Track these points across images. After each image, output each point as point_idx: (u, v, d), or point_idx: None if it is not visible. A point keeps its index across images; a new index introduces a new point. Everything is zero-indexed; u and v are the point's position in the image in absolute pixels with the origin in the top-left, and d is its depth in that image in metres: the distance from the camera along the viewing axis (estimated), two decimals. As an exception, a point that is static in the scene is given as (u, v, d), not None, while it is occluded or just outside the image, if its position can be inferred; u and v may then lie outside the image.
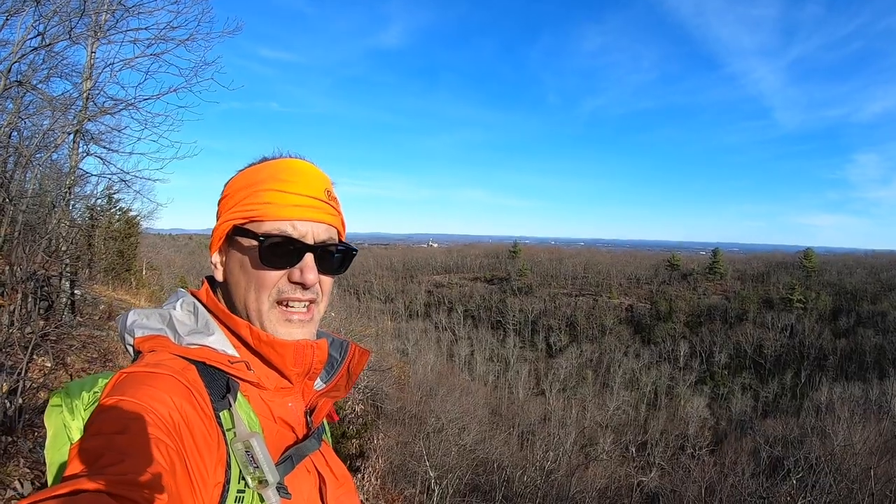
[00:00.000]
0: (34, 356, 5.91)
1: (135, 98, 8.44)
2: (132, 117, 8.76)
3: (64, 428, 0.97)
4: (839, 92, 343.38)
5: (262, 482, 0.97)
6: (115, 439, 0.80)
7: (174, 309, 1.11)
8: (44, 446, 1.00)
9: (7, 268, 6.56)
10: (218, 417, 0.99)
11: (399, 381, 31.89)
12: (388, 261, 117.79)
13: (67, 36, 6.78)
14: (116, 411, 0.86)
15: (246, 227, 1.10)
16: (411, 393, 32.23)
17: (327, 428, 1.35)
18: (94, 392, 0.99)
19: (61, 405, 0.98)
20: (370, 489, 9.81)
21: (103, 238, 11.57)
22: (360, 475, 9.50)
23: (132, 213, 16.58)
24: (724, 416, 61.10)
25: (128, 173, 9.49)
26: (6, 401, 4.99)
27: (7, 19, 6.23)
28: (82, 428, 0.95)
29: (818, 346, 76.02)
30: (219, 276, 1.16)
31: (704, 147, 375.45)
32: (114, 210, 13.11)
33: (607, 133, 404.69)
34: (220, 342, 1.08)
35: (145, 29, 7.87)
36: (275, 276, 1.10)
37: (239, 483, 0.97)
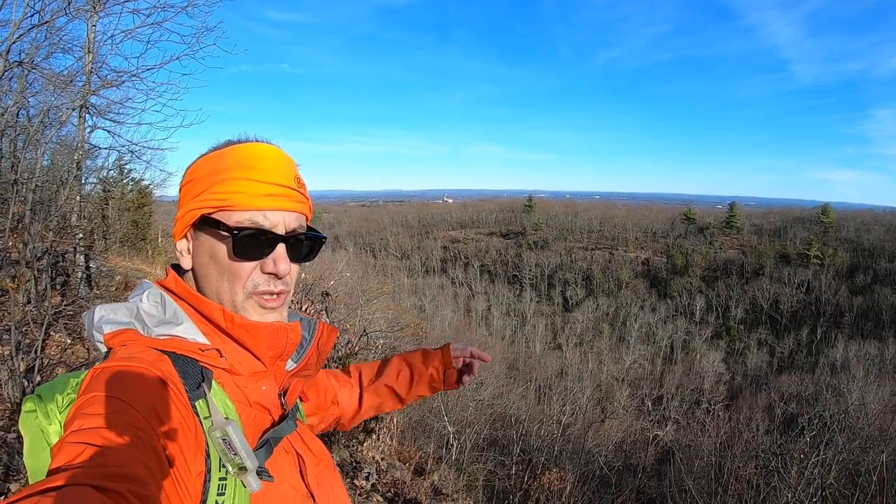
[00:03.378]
0: (51, 333, 6.02)
1: (137, 69, 8.39)
2: (136, 88, 8.72)
3: (41, 433, 0.97)
4: (858, 45, 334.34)
5: (242, 468, 0.99)
6: (95, 434, 0.81)
7: (141, 301, 1.10)
8: (22, 454, 1.01)
9: (21, 245, 6.64)
10: (194, 407, 1.00)
11: (417, 337, 32.15)
12: (403, 217, 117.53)
13: (64, 12, 6.72)
14: (95, 407, 0.87)
15: (215, 216, 1.09)
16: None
17: (301, 407, 1.36)
18: (68, 394, 0.99)
19: (36, 410, 0.99)
20: (385, 449, 9.97)
21: (117, 209, 11.64)
22: (374, 436, 9.64)
23: (145, 183, 16.72)
24: (740, 371, 61.20)
25: (136, 144, 9.49)
26: (24, 379, 5.10)
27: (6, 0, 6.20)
28: (60, 431, 0.96)
29: (834, 302, 75.27)
30: (186, 265, 1.16)
31: (720, 100, 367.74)
32: (126, 181, 13.18)
33: (622, 86, 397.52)
34: (189, 331, 1.08)
35: (142, -2, 7.79)
36: (248, 268, 1.10)
37: (220, 471, 0.99)
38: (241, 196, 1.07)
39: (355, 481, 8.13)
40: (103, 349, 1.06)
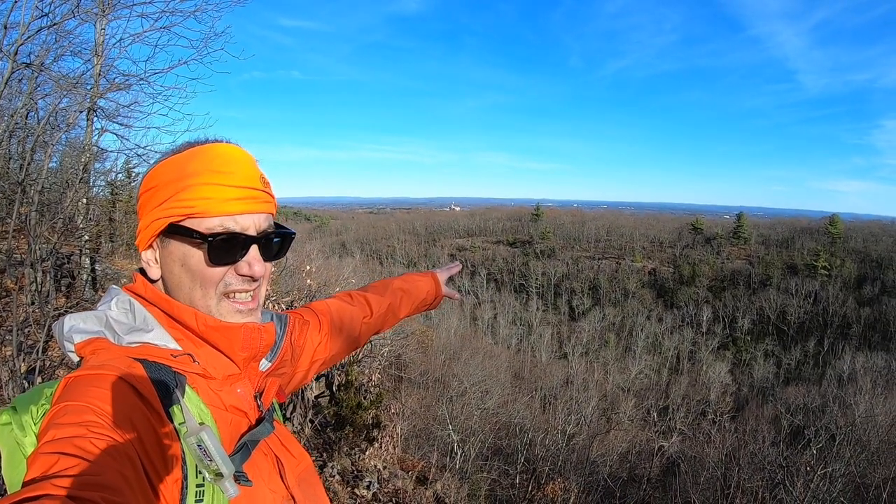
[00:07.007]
0: (53, 334, 6.00)
1: (145, 72, 8.39)
2: (144, 92, 8.73)
3: (17, 445, 0.95)
4: (865, 56, 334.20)
5: (218, 475, 0.98)
6: (69, 443, 0.80)
7: (109, 309, 1.09)
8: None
9: (27, 247, 6.66)
10: (168, 413, 0.99)
11: (422, 345, 32.18)
12: (410, 225, 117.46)
13: (73, 14, 6.74)
14: (68, 416, 0.86)
15: (185, 224, 1.06)
16: (435, 357, 32.57)
17: (277, 407, 1.34)
18: (42, 404, 0.97)
19: (11, 422, 0.97)
20: (388, 458, 9.91)
21: (124, 212, 11.63)
22: (377, 444, 9.59)
23: (152, 186, 16.55)
24: (746, 382, 60.86)
25: (144, 148, 9.50)
26: (24, 380, 5.10)
27: (16, 1, 6.22)
28: (35, 442, 0.94)
29: (842, 314, 74.42)
30: (154, 275, 1.13)
31: (728, 110, 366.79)
32: (134, 184, 13.16)
33: (630, 95, 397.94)
34: (160, 337, 1.07)
35: (150, 3, 7.78)
36: (221, 273, 1.09)
37: (197, 477, 0.98)
38: (211, 202, 1.06)
39: (356, 490, 8.08)
40: (75, 359, 1.06)
